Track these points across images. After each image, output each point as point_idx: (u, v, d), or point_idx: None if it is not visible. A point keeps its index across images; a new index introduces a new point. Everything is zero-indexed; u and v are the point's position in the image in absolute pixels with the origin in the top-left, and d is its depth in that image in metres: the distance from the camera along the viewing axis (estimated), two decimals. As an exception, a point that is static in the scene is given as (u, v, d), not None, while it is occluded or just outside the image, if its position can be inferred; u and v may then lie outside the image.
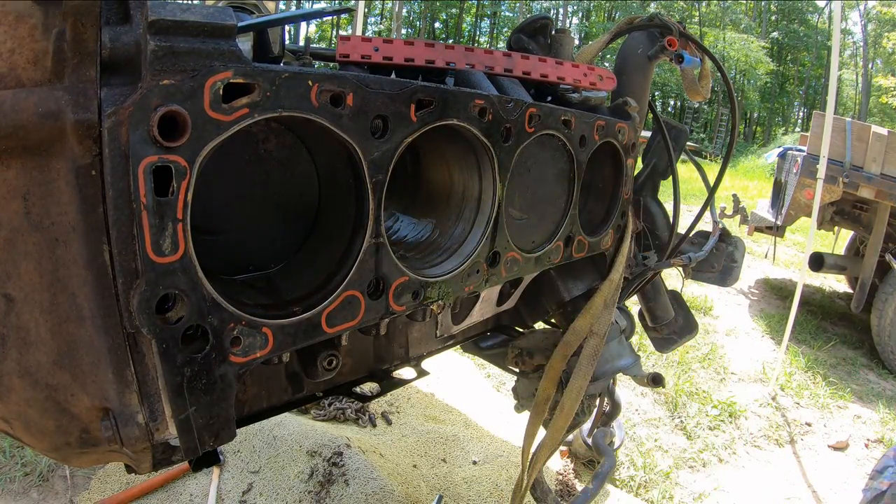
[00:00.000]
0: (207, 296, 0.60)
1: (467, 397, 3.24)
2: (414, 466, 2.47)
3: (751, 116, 36.29)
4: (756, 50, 26.99)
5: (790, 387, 4.16)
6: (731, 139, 1.79)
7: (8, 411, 0.63)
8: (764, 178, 15.04)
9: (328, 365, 0.87)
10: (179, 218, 0.56)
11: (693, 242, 1.89)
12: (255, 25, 0.85)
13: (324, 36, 34.21)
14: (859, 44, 35.26)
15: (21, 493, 2.13)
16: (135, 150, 0.53)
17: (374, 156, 0.73)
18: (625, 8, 30.02)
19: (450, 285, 0.91)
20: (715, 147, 24.63)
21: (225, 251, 0.85)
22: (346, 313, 0.76)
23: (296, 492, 2.15)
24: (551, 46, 1.39)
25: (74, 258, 0.57)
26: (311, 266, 0.84)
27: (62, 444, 0.66)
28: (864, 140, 4.68)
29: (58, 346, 0.59)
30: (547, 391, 1.37)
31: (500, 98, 0.89)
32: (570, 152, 1.10)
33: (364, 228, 0.75)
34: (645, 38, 1.57)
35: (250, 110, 0.59)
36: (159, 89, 0.53)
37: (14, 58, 0.55)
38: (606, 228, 1.33)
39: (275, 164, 0.87)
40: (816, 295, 6.72)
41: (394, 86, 0.73)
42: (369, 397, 1.26)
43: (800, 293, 3.83)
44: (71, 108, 0.53)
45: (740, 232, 6.72)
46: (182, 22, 0.54)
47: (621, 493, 2.66)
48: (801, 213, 5.29)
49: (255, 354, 0.66)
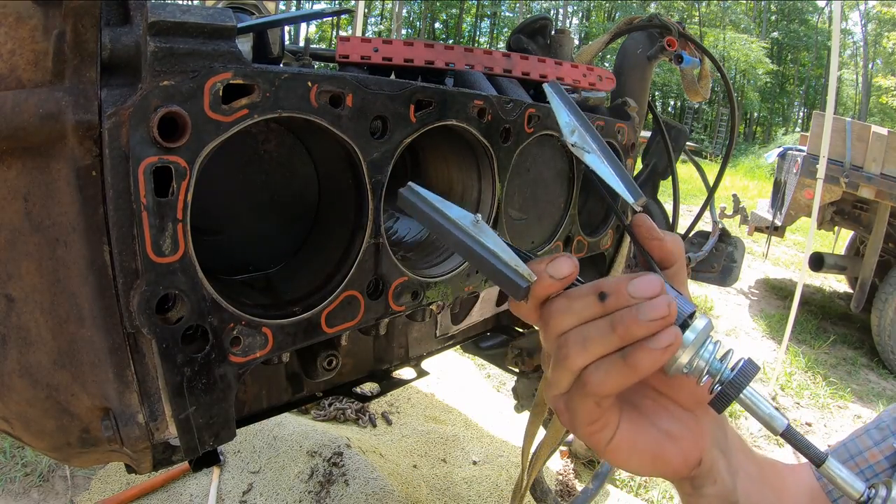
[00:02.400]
0: (207, 296, 0.60)
1: (467, 397, 3.24)
2: (414, 466, 2.47)
3: (751, 116, 36.29)
4: (756, 50, 27.00)
5: (790, 387, 4.17)
6: (730, 139, 1.79)
7: (8, 411, 0.63)
8: (764, 178, 15.04)
9: (328, 365, 0.87)
10: (179, 218, 0.57)
11: (693, 242, 1.89)
12: (255, 26, 0.85)
13: (324, 36, 34.21)
14: (859, 44, 35.24)
15: (21, 494, 2.13)
16: (135, 150, 0.53)
17: (373, 156, 0.73)
18: (625, 8, 30.03)
19: (449, 285, 0.91)
20: (715, 147, 24.62)
21: (225, 251, 0.85)
22: (346, 313, 0.76)
23: (296, 492, 2.15)
24: (551, 47, 1.40)
25: (75, 258, 0.57)
26: (310, 266, 0.85)
27: (62, 444, 0.66)
28: (864, 140, 4.68)
29: (58, 345, 0.60)
30: (547, 391, 1.37)
31: (499, 98, 0.89)
32: (570, 152, 1.10)
33: (363, 229, 0.75)
34: (644, 39, 1.57)
35: (250, 111, 0.60)
36: (159, 90, 0.53)
37: (14, 59, 0.55)
38: (606, 228, 1.33)
39: (274, 165, 0.87)
40: (816, 295, 6.72)
41: (393, 86, 0.73)
42: (369, 397, 1.26)
43: (800, 293, 3.83)
44: (71, 109, 0.53)
45: (740, 232, 6.72)
46: (182, 23, 0.54)
47: (621, 493, 2.66)
48: (801, 213, 5.29)
49: (254, 354, 0.66)
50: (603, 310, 0.49)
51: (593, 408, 0.50)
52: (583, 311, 0.50)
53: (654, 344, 0.46)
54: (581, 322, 0.50)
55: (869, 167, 4.63)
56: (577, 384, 0.50)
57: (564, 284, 0.51)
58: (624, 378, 0.47)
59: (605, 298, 0.49)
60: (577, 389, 0.50)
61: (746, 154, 22.86)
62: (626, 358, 0.47)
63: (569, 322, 0.50)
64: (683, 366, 0.49)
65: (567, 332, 0.50)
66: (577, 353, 0.49)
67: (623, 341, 0.47)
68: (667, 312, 0.46)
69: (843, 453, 0.80)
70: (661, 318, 0.46)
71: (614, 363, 0.47)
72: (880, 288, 4.85)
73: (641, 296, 0.47)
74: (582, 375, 0.49)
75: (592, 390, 0.48)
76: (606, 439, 0.52)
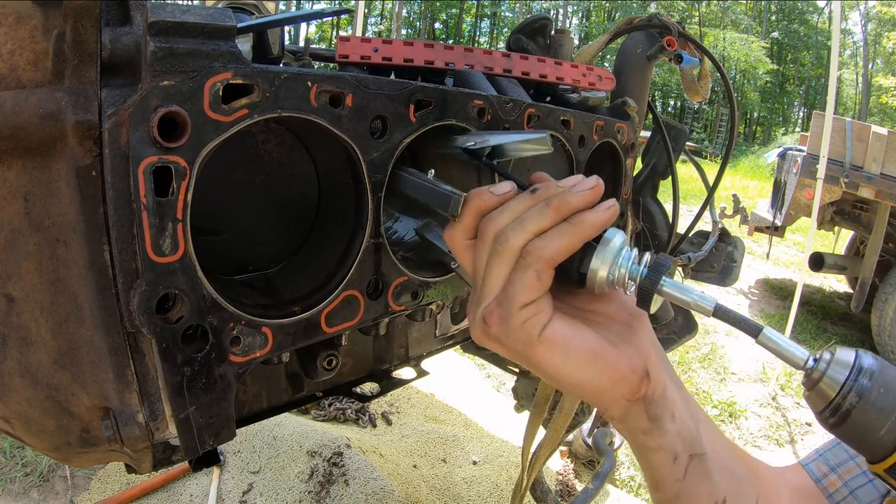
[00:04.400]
0: (207, 296, 0.60)
1: (467, 397, 3.24)
2: (414, 466, 2.47)
3: (751, 116, 36.30)
4: (756, 50, 27.01)
5: (790, 387, 4.17)
6: (730, 139, 1.79)
7: (8, 411, 0.63)
8: (764, 178, 15.04)
9: (328, 365, 0.87)
10: (179, 218, 0.57)
11: (692, 242, 1.89)
12: (255, 26, 0.85)
13: (324, 36, 34.22)
14: (859, 44, 35.25)
15: (21, 494, 2.13)
16: (135, 150, 0.53)
17: (373, 156, 0.73)
18: (625, 8, 30.04)
19: (449, 285, 0.91)
20: (715, 147, 24.62)
21: (224, 251, 0.85)
22: (346, 313, 0.76)
23: (296, 492, 2.15)
24: (550, 47, 1.40)
25: (75, 258, 0.57)
26: (310, 266, 0.85)
27: (63, 444, 0.66)
28: (864, 140, 4.68)
29: (58, 345, 0.60)
30: (546, 391, 1.37)
31: (498, 98, 0.89)
32: (569, 152, 1.10)
33: (363, 228, 0.75)
34: (644, 39, 1.57)
35: (250, 111, 0.60)
36: (159, 90, 0.53)
37: (14, 59, 0.55)
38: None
39: (274, 165, 0.87)
40: (816, 295, 6.72)
41: (393, 86, 0.73)
42: (369, 397, 1.26)
43: (800, 293, 3.83)
44: (71, 109, 0.53)
45: (740, 232, 6.72)
46: (182, 23, 0.54)
47: (621, 493, 2.66)
48: (801, 213, 5.29)
49: (254, 354, 0.66)
50: (535, 200, 0.51)
51: (532, 281, 0.48)
52: (516, 206, 0.52)
53: (598, 208, 0.49)
54: (517, 216, 0.51)
55: (869, 167, 4.63)
56: (517, 263, 0.49)
57: (503, 200, 0.53)
58: (568, 240, 0.48)
59: (536, 191, 0.51)
60: (517, 269, 0.49)
61: (746, 154, 22.86)
62: (571, 221, 0.48)
63: (505, 219, 0.52)
64: (605, 278, 0.52)
65: (503, 227, 0.51)
66: (515, 235, 0.49)
67: (560, 214, 0.49)
68: (596, 184, 0.49)
69: (823, 465, 0.76)
70: (592, 188, 0.49)
71: (558, 229, 0.49)
72: (880, 288, 4.85)
73: (567, 185, 0.50)
74: (522, 252, 0.49)
75: (535, 257, 0.48)
76: (541, 324, 0.50)
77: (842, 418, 0.46)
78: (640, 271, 0.52)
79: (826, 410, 0.47)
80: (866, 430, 0.45)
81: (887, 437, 0.44)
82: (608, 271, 0.51)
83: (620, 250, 0.52)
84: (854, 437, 0.46)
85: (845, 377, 0.46)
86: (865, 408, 0.44)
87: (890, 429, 0.44)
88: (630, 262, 0.52)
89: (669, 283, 0.51)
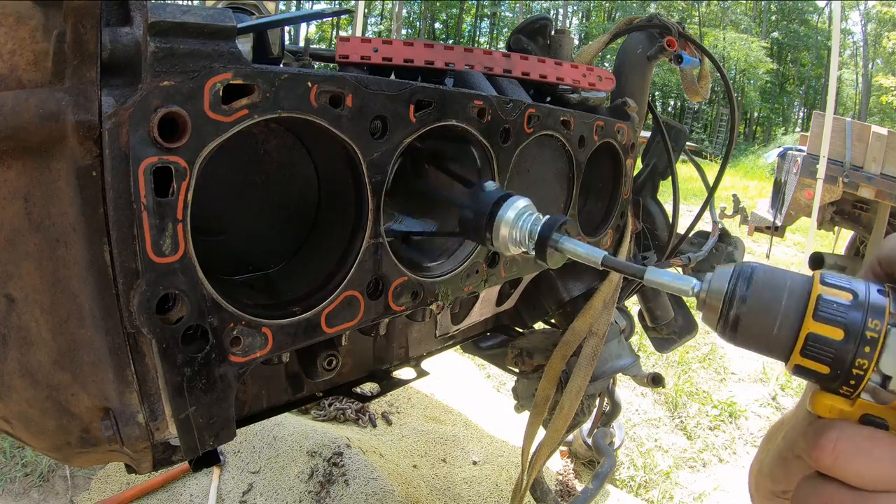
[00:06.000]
0: (207, 296, 0.60)
1: (467, 397, 3.24)
2: (414, 466, 2.47)
3: (751, 116, 36.31)
4: (756, 50, 27.01)
5: (790, 387, 4.17)
6: (730, 139, 1.79)
7: (9, 411, 0.63)
8: (764, 178, 15.04)
9: (328, 365, 0.87)
10: (179, 218, 0.57)
11: (692, 242, 1.89)
12: (255, 27, 0.85)
13: (324, 37, 34.21)
14: (859, 44, 35.25)
15: (21, 494, 2.13)
16: (135, 151, 0.53)
17: (373, 156, 0.73)
18: (625, 8, 30.03)
19: (449, 285, 0.91)
20: (715, 147, 24.62)
21: (224, 251, 0.85)
22: (346, 313, 0.76)
23: (296, 492, 2.15)
24: (550, 47, 1.40)
25: (75, 258, 0.57)
26: (310, 266, 0.85)
27: (63, 444, 0.66)
28: (864, 140, 4.68)
29: (58, 346, 0.60)
30: (546, 391, 1.37)
31: (499, 99, 0.89)
32: (570, 153, 1.10)
33: (363, 229, 0.75)
34: (644, 39, 1.57)
35: (250, 111, 0.60)
36: (159, 90, 0.53)
37: (15, 59, 0.55)
38: (606, 229, 1.33)
39: (274, 165, 0.87)
40: (816, 295, 6.69)
41: (393, 87, 0.73)
42: (369, 397, 1.26)
43: (800, 293, 3.82)
44: (71, 110, 0.53)
45: (740, 232, 6.72)
46: (182, 23, 0.54)
47: (621, 493, 2.66)
48: (801, 213, 5.29)
49: (254, 354, 0.66)
50: None
51: None
52: None
53: None
54: None
55: (869, 167, 4.63)
56: None
57: None
58: None
59: None
60: None
61: (746, 154, 22.86)
62: None
63: None
64: (509, 239, 0.70)
65: None
66: None
67: None
68: None
69: None
70: None
71: None
72: (880, 288, 4.84)
73: None
74: None
75: None
76: None
77: (734, 327, 0.46)
78: (537, 231, 0.67)
79: (719, 324, 0.47)
80: (760, 331, 0.45)
81: (781, 334, 0.44)
82: (509, 232, 0.68)
83: (523, 215, 0.69)
84: (753, 342, 0.46)
85: (726, 287, 0.47)
86: (752, 310, 0.45)
87: (781, 325, 0.44)
88: (530, 223, 0.68)
89: (563, 239, 0.64)
